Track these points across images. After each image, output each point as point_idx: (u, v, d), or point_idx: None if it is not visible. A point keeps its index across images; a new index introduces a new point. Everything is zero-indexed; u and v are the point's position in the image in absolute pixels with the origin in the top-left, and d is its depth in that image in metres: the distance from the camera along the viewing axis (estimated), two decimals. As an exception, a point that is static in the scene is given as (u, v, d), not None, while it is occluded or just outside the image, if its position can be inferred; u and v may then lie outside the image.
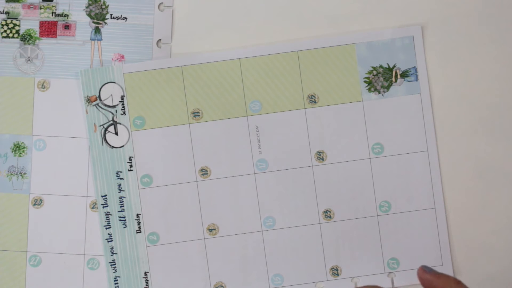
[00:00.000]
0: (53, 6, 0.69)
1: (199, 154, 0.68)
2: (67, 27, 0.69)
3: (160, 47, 0.69)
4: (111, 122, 0.68)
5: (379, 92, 0.68)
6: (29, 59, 0.69)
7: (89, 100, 0.68)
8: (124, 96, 0.68)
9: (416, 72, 0.68)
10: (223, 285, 0.68)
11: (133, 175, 0.68)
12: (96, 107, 0.68)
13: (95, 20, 0.69)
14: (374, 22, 0.68)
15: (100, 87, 0.68)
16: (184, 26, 0.69)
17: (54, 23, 0.69)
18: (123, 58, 0.68)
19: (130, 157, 0.68)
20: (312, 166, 0.68)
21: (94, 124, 0.68)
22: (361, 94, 0.68)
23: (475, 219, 0.68)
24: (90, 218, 0.68)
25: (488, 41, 0.68)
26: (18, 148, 0.68)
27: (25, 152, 0.68)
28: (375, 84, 0.68)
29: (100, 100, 0.68)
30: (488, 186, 0.68)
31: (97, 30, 0.69)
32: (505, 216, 0.68)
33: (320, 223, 0.68)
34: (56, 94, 0.69)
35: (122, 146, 0.68)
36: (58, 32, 0.69)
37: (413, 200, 0.68)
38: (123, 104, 0.68)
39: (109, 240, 0.68)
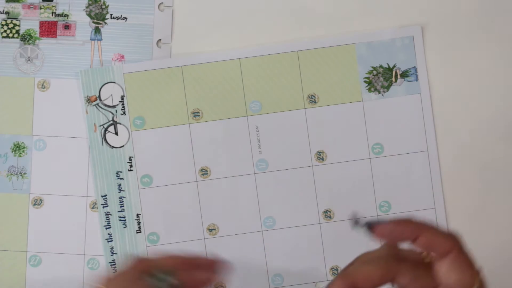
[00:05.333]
0: (53, 6, 0.69)
1: (199, 154, 0.68)
2: (67, 27, 0.69)
3: (160, 47, 0.69)
4: (111, 122, 0.68)
5: (379, 92, 0.68)
6: (29, 59, 0.69)
7: (89, 100, 0.68)
8: (124, 96, 0.68)
9: (416, 72, 0.68)
10: (223, 285, 0.68)
11: (133, 175, 0.68)
12: (96, 107, 0.68)
13: (95, 20, 0.69)
14: (374, 22, 0.68)
15: (100, 87, 0.68)
16: (184, 26, 0.69)
17: (54, 23, 0.69)
18: (123, 58, 0.68)
19: (130, 157, 0.68)
20: (312, 166, 0.68)
21: (94, 124, 0.68)
22: (361, 94, 0.68)
23: (475, 219, 0.68)
24: (90, 218, 0.68)
25: (488, 41, 0.68)
26: (18, 148, 0.68)
27: (25, 152, 0.68)
28: (375, 84, 0.68)
29: (100, 100, 0.68)
30: (488, 186, 0.68)
31: (97, 30, 0.69)
32: (505, 216, 0.68)
33: (320, 223, 0.68)
34: (56, 94, 0.69)
35: (122, 146, 0.68)
36: (58, 32, 0.69)
37: (413, 200, 0.68)
38: (123, 104, 0.68)
39: (109, 240, 0.68)
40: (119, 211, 0.68)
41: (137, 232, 0.68)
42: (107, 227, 0.68)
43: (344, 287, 0.42)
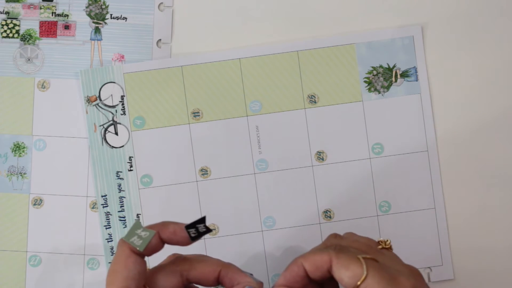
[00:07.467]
0: (53, 6, 0.69)
1: (199, 154, 0.68)
2: (67, 27, 0.69)
3: (160, 47, 0.69)
4: (111, 122, 0.68)
5: (379, 92, 0.68)
6: (29, 59, 0.69)
7: (89, 100, 0.68)
8: (124, 96, 0.68)
9: (416, 72, 0.68)
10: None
11: (133, 175, 0.68)
12: (96, 107, 0.68)
13: (95, 20, 0.69)
14: (374, 22, 0.68)
15: (100, 87, 0.68)
16: (184, 26, 0.69)
17: (54, 23, 0.69)
18: (123, 58, 0.68)
19: (130, 157, 0.68)
20: (312, 166, 0.68)
21: (94, 124, 0.68)
22: (361, 94, 0.68)
23: (475, 219, 0.68)
24: (90, 218, 0.68)
25: (488, 41, 0.68)
26: (18, 148, 0.68)
27: (25, 152, 0.68)
28: (375, 84, 0.68)
29: (100, 100, 0.68)
30: (488, 186, 0.68)
31: (97, 30, 0.69)
32: (505, 216, 0.68)
33: (320, 223, 0.68)
34: (56, 94, 0.69)
35: (122, 146, 0.68)
36: (58, 32, 0.69)
37: (413, 200, 0.68)
38: (123, 104, 0.68)
39: (109, 240, 0.68)
40: (119, 211, 0.68)
41: (137, 232, 0.68)
42: (107, 227, 0.68)
43: (296, 269, 0.49)
